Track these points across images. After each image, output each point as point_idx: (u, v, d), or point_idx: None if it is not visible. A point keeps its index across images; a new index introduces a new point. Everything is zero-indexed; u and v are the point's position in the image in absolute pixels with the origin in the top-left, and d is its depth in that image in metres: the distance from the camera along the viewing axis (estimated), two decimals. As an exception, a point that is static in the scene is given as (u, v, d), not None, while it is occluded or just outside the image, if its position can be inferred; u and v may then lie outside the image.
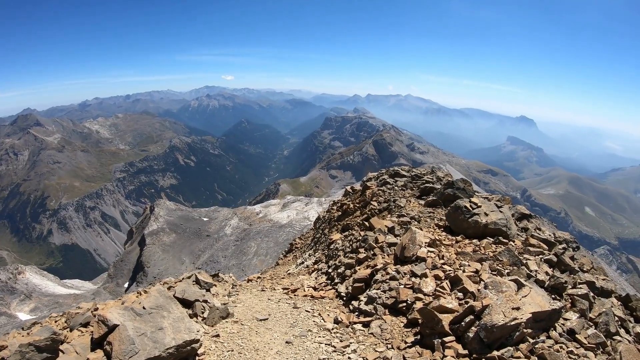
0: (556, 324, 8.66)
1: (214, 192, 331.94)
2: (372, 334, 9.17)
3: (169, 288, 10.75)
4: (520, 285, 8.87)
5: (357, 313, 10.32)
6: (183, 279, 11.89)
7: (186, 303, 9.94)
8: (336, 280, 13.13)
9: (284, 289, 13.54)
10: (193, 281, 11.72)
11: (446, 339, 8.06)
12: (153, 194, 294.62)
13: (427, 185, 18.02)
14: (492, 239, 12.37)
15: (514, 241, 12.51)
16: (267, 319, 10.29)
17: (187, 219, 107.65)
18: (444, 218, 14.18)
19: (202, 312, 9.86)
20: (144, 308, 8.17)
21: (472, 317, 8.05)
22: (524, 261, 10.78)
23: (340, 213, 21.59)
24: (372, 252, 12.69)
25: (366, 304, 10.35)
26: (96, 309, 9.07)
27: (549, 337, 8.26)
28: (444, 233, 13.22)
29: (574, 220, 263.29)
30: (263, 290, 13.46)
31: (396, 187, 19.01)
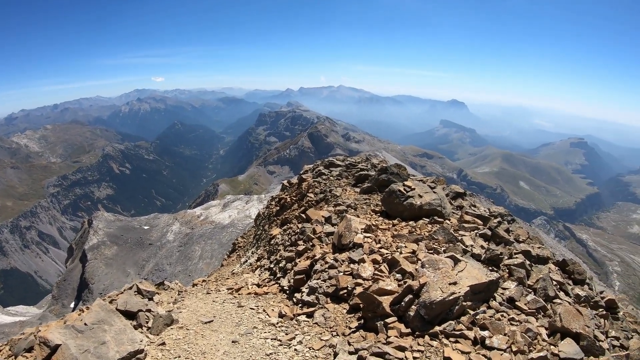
0: (495, 294, 8.93)
1: (152, 199, 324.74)
2: (316, 323, 9.21)
3: (111, 301, 10.50)
4: (456, 261, 9.09)
5: (300, 305, 10.35)
6: (124, 290, 11.66)
7: (129, 314, 9.73)
8: (278, 275, 13.14)
9: (228, 289, 13.45)
10: (135, 292, 11.49)
11: (388, 320, 8.16)
12: (90, 207, 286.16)
13: (361, 172, 18.15)
14: (427, 220, 12.61)
15: (449, 219, 12.80)
16: (212, 321, 10.19)
17: (127, 229, 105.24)
18: (380, 203, 14.33)
19: (147, 322, 9.68)
20: (85, 324, 8.00)
21: (411, 296, 8.19)
22: (460, 237, 11.05)
23: (278, 208, 21.59)
24: (310, 244, 12.73)
25: (308, 294, 10.39)
26: (39, 332, 8.83)
27: (489, 307, 8.51)
28: (380, 218, 13.38)
29: (510, 195, 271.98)
30: (208, 293, 13.33)
31: (331, 177, 19.11)
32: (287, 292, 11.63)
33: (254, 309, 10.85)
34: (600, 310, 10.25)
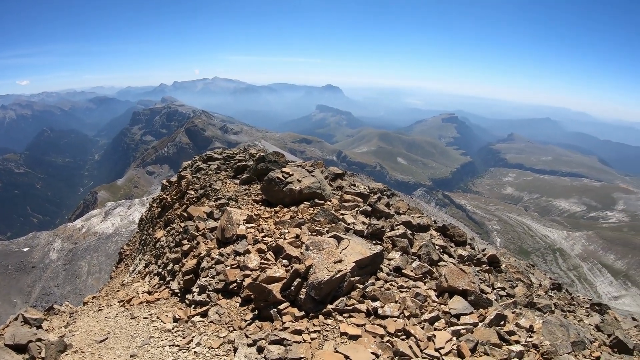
0: (382, 266, 9.30)
1: (28, 217, 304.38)
2: (212, 322, 9.07)
3: (-3, 338, 9.84)
4: (339, 240, 9.34)
5: (193, 305, 10.16)
6: (10, 323, 10.93)
7: (20, 348, 9.08)
8: (168, 279, 12.81)
9: (119, 301, 12.94)
10: (21, 322, 10.77)
11: (281, 307, 8.25)
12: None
13: (240, 164, 18.08)
14: (308, 203, 12.83)
15: (330, 201, 13.09)
16: (107, 338, 9.72)
17: (5, 254, 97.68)
18: (261, 192, 14.37)
19: (39, 353, 9.09)
20: (-25, 370, 7.46)
21: (299, 279, 8.32)
22: (341, 217, 11.37)
23: (160, 209, 21.07)
24: (195, 242, 12.49)
25: (199, 294, 10.22)
26: None
27: (378, 279, 8.87)
28: (262, 207, 13.41)
29: (390, 171, 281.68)
30: (100, 310, 12.67)
31: (210, 172, 18.84)
32: (179, 294, 11.35)
33: (147, 318, 10.49)
34: (484, 266, 11.10)
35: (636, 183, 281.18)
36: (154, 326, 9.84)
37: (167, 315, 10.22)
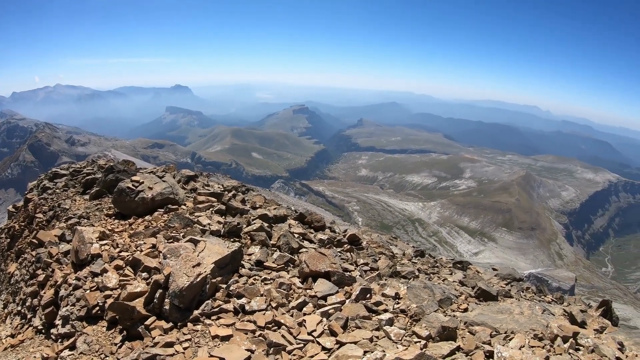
0: (243, 262, 9.46)
1: None
2: (82, 353, 8.52)
3: None
4: (196, 243, 9.30)
5: (60, 340, 9.50)
6: None
7: None
8: (29, 316, 11.88)
9: (-16, 353, 11.99)
10: None
11: (148, 322, 8.03)
12: None
13: (88, 177, 17.22)
14: (162, 210, 12.54)
15: (184, 204, 12.94)
16: None
17: None
18: (113, 205, 13.79)
19: None
20: None
21: (160, 290, 8.17)
22: (195, 219, 11.32)
23: (9, 239, 19.49)
24: (50, 269, 11.63)
25: (63, 325, 9.58)
26: None
27: (241, 276, 9.00)
28: (116, 221, 12.85)
29: (245, 167, 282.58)
30: (-35, 370, 11.74)
31: (57, 190, 17.73)
32: (43, 331, 10.58)
33: None
34: (345, 246, 11.73)
35: (479, 153, 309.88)
36: None
37: (35, 357, 9.53)
